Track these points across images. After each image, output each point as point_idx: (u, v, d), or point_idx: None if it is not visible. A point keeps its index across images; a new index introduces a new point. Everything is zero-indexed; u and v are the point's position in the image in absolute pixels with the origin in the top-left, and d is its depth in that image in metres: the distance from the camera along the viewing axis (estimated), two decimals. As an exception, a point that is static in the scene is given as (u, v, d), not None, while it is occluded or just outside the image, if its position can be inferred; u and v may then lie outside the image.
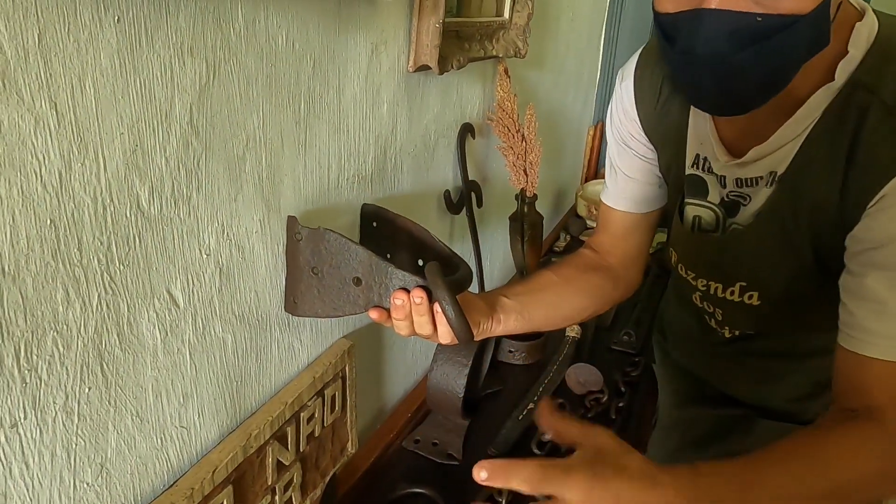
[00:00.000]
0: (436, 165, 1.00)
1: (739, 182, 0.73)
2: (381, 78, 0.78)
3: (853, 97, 0.60)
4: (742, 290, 0.77)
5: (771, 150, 0.68)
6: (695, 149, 0.77)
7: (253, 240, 0.64)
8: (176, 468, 0.61)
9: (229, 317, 0.63)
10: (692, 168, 0.79)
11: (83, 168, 0.44)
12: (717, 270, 0.80)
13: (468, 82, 1.05)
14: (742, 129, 0.71)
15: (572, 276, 0.86)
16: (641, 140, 0.84)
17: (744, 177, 0.72)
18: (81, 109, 0.43)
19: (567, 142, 1.81)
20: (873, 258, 0.59)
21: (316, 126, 0.69)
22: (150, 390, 0.55)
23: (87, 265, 0.47)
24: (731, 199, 0.75)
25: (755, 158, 0.69)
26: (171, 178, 0.52)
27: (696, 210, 0.80)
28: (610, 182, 0.91)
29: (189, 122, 0.52)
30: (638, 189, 0.87)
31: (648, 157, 0.85)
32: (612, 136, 0.88)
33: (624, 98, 0.83)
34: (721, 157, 0.73)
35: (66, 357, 0.47)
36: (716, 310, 0.85)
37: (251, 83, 0.58)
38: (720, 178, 0.75)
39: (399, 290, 0.61)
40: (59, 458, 0.48)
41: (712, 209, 0.78)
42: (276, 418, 0.70)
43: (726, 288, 0.79)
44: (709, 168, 0.76)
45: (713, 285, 0.81)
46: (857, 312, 0.61)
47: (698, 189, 0.79)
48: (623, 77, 0.84)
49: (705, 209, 0.79)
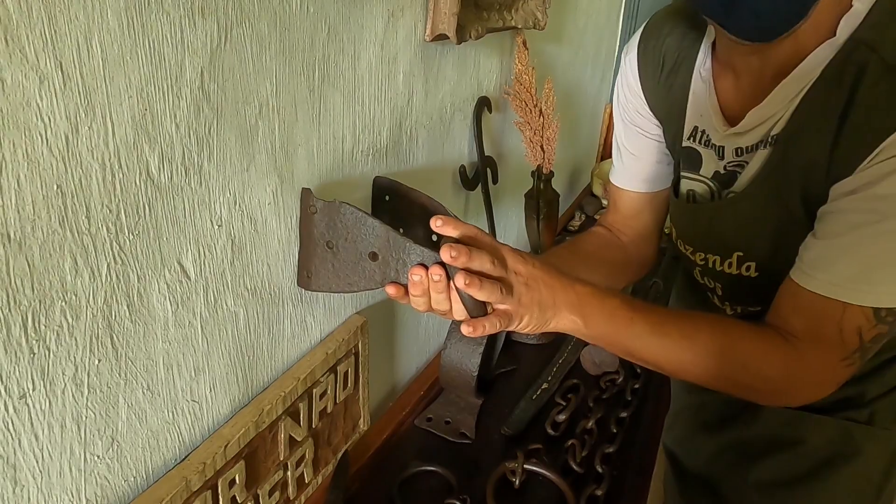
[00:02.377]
0: (451, 140, 0.98)
1: (739, 151, 0.71)
2: (397, 46, 0.76)
3: (854, 54, 0.58)
4: (739, 260, 0.75)
5: (769, 112, 0.66)
6: (693, 121, 0.76)
7: (266, 211, 0.62)
8: (188, 442, 0.60)
9: (241, 290, 0.62)
10: (688, 141, 0.77)
11: (90, 132, 0.43)
12: (714, 241, 0.78)
13: (485, 54, 1.02)
14: (743, 94, 0.69)
15: (587, 253, 0.86)
16: (646, 116, 0.82)
17: (743, 145, 0.70)
18: (88, 70, 0.41)
19: (583, 119, 1.78)
20: (840, 204, 0.59)
21: (330, 95, 0.67)
22: (161, 363, 0.54)
23: (95, 234, 0.45)
24: (728, 171, 0.73)
25: (753, 124, 0.67)
26: (181, 145, 0.50)
27: (690, 184, 0.79)
28: (617, 161, 0.90)
29: (200, 87, 0.51)
30: (645, 168, 0.86)
31: (654, 133, 0.83)
32: (618, 114, 0.87)
33: (628, 72, 0.82)
34: (720, 127, 0.72)
35: (74, 328, 0.46)
36: (716, 285, 0.82)
37: (264, 48, 0.56)
38: (719, 149, 0.73)
39: (417, 265, 0.59)
40: (69, 431, 0.47)
41: (705, 182, 0.77)
42: (288, 394, 0.69)
43: (724, 260, 0.77)
44: (706, 141, 0.74)
45: (711, 258, 0.79)
46: (810, 247, 0.62)
47: (692, 162, 0.78)
48: (627, 51, 0.83)
49: (698, 182, 0.78)
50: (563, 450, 0.89)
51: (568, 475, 0.84)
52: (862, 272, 0.58)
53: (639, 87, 0.81)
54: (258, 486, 0.68)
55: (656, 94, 0.80)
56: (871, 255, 0.57)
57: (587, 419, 0.93)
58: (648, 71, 0.80)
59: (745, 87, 0.69)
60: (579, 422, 0.93)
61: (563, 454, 0.88)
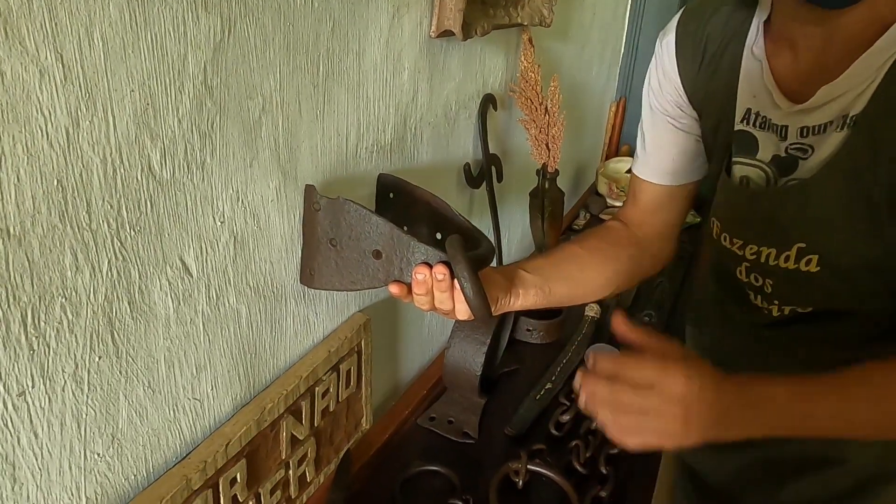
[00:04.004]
0: (456, 137, 0.97)
1: (804, 131, 0.65)
2: (402, 43, 0.75)
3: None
4: (800, 253, 0.68)
5: (844, 88, 0.60)
6: (746, 103, 0.71)
7: (269, 208, 0.61)
8: (189, 440, 0.59)
9: (243, 287, 0.61)
10: (741, 124, 0.72)
11: (91, 126, 0.42)
12: (771, 232, 0.72)
13: (491, 51, 1.01)
14: (806, 69, 0.64)
15: (597, 248, 0.82)
16: (680, 104, 0.79)
17: (810, 124, 0.64)
18: (89, 63, 0.41)
19: (588, 117, 1.77)
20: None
21: (335, 91, 0.66)
22: (163, 361, 0.54)
23: (96, 229, 0.45)
24: (789, 154, 0.67)
25: (825, 100, 0.61)
26: (183, 140, 0.50)
27: (744, 169, 0.73)
28: (640, 152, 0.85)
29: (203, 82, 0.50)
30: (671, 159, 0.82)
31: (685, 124, 0.80)
32: (647, 102, 0.83)
33: (664, 58, 0.78)
34: (782, 105, 0.66)
35: (75, 324, 0.45)
36: (765, 281, 0.76)
37: (268, 43, 0.55)
38: (780, 128, 0.67)
39: (421, 264, 0.58)
40: (69, 428, 0.47)
41: (761, 167, 0.71)
42: (290, 392, 0.68)
43: (780, 253, 0.70)
44: (762, 123, 0.69)
45: (765, 251, 0.73)
46: None
47: (747, 146, 0.72)
48: (663, 36, 0.79)
49: (753, 168, 0.72)
50: (567, 450, 0.88)
51: (572, 476, 0.84)
52: None
53: (676, 73, 0.77)
54: (259, 484, 0.67)
55: (696, 80, 0.76)
56: None
57: (591, 420, 0.92)
58: (688, 56, 0.75)
59: (807, 63, 0.64)
60: (583, 422, 0.92)
61: (566, 455, 0.88)
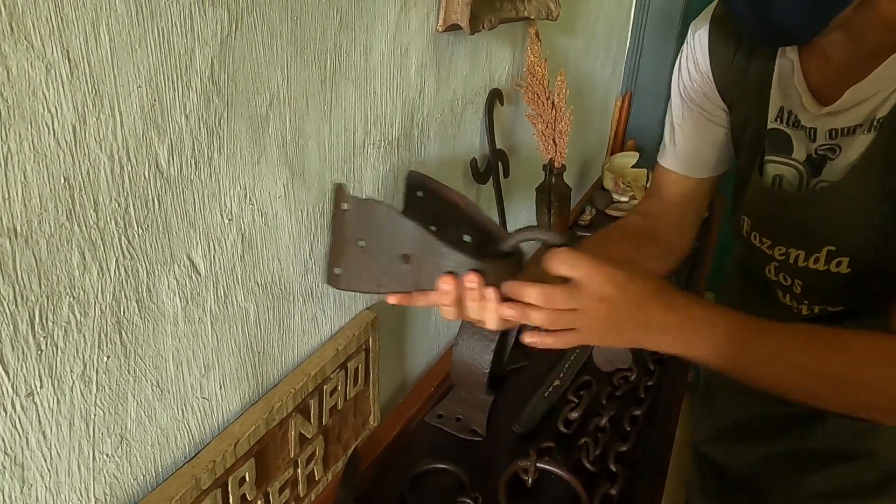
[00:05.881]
0: (463, 132, 0.96)
1: (833, 133, 0.65)
2: (409, 37, 0.74)
3: None
4: (829, 255, 0.68)
5: (872, 91, 0.60)
6: (779, 101, 0.70)
7: (276, 205, 0.61)
8: (198, 440, 0.59)
9: (251, 285, 0.60)
10: (775, 122, 0.71)
11: (98, 123, 0.42)
12: (801, 234, 0.71)
13: (498, 45, 1.00)
14: (835, 71, 0.64)
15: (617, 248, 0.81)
16: (711, 97, 0.77)
17: (838, 126, 0.64)
18: (96, 59, 0.40)
19: (594, 112, 1.76)
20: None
21: (342, 86, 0.65)
22: (171, 360, 0.53)
23: (103, 228, 0.44)
24: (819, 155, 0.67)
25: (852, 103, 0.62)
26: (191, 136, 0.49)
27: (778, 168, 0.72)
28: (668, 143, 0.84)
29: (210, 78, 0.49)
30: (699, 152, 0.80)
31: (716, 116, 0.78)
32: (677, 91, 0.82)
33: (696, 48, 0.77)
34: (811, 107, 0.66)
35: (83, 324, 0.44)
36: (794, 281, 0.75)
37: (275, 37, 0.55)
38: (809, 130, 0.67)
39: (446, 274, 0.56)
40: (78, 429, 0.46)
41: (796, 167, 0.70)
42: (298, 391, 0.68)
43: (810, 254, 0.70)
44: (795, 122, 0.69)
45: (794, 252, 0.72)
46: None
47: (782, 145, 0.71)
48: (697, 27, 0.77)
49: (788, 167, 0.71)
50: (576, 448, 0.87)
51: (581, 474, 0.83)
52: None
53: (707, 64, 0.76)
54: (268, 483, 0.67)
55: (728, 73, 0.75)
56: None
57: (600, 417, 0.91)
58: (720, 48, 0.74)
59: (837, 66, 0.64)
60: (592, 419, 0.92)
61: (575, 452, 0.87)
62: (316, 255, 0.69)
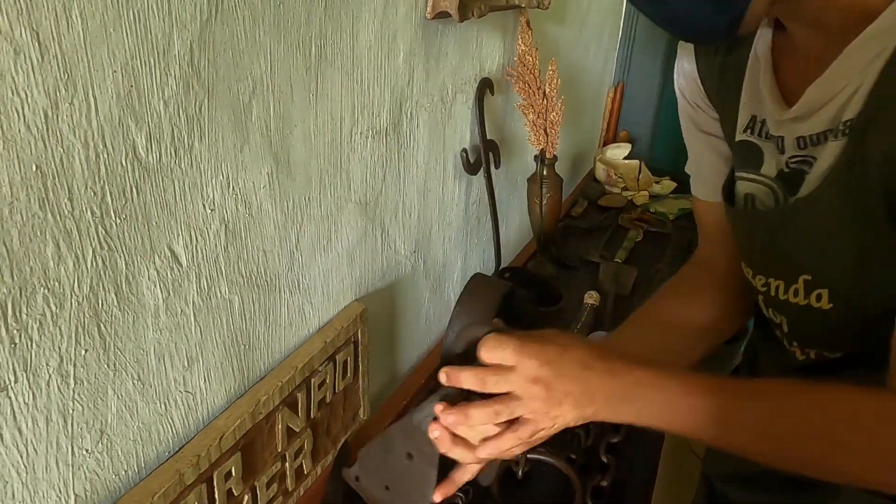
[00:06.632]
0: (453, 122, 0.95)
1: (801, 142, 0.55)
2: (397, 24, 0.73)
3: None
4: (807, 286, 0.58)
5: (836, 87, 0.50)
6: (750, 108, 0.62)
7: (261, 195, 0.59)
8: (181, 434, 0.58)
9: (236, 277, 0.59)
10: (744, 133, 0.63)
11: (72, 108, 0.40)
12: (774, 262, 0.62)
13: (488, 34, 0.99)
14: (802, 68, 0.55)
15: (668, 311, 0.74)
16: (703, 105, 0.70)
17: (805, 133, 0.54)
18: (68, 42, 0.39)
19: (586, 102, 1.75)
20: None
21: (328, 74, 0.64)
22: (153, 353, 0.52)
23: (79, 217, 0.43)
24: (791, 169, 0.57)
25: (818, 103, 0.52)
26: (170, 123, 0.48)
27: (748, 186, 0.63)
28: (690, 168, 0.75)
29: (190, 63, 0.48)
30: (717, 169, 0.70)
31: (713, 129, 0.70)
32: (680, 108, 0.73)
33: (683, 56, 0.69)
34: (775, 111, 0.57)
35: (59, 316, 0.43)
36: (781, 319, 0.65)
37: (257, 22, 0.53)
38: (778, 140, 0.58)
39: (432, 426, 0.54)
40: (55, 424, 0.45)
41: (767, 184, 0.60)
42: (285, 384, 0.67)
43: (789, 285, 0.60)
44: (766, 132, 0.60)
45: (773, 283, 0.63)
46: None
47: (750, 159, 0.62)
48: None
49: (758, 185, 0.61)
50: (568, 439, 0.87)
51: (572, 465, 0.83)
52: None
53: (694, 68, 0.68)
54: (255, 478, 0.66)
55: (711, 74, 0.66)
56: None
57: (591, 408, 0.91)
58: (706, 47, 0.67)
59: (804, 62, 0.54)
60: (583, 411, 0.91)
61: (567, 444, 0.86)
62: (302, 246, 0.67)
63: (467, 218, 1.10)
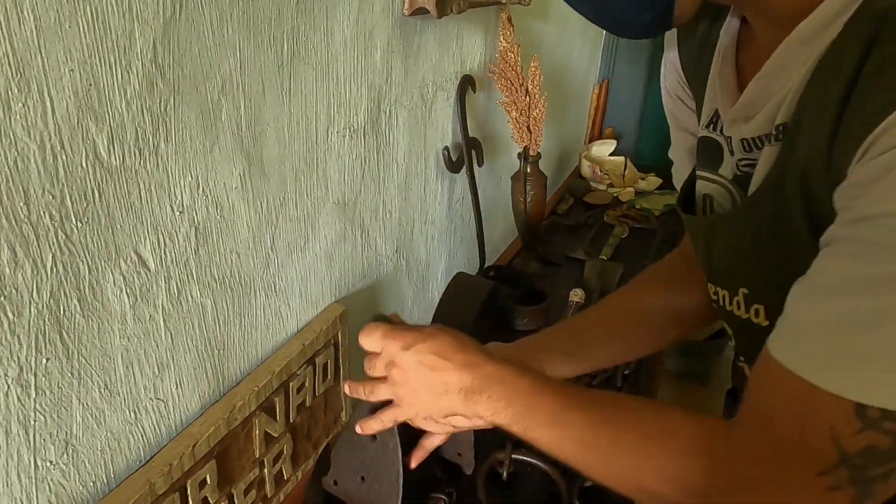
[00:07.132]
0: (434, 120, 0.94)
1: (746, 145, 0.51)
2: (373, 20, 0.72)
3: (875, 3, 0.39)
4: (747, 300, 0.54)
5: (774, 86, 0.46)
6: (712, 101, 0.57)
7: (233, 196, 0.58)
8: (153, 443, 0.56)
9: (208, 280, 0.58)
10: (706, 129, 0.58)
11: (25, 109, 0.39)
12: (717, 270, 0.59)
13: (469, 30, 0.98)
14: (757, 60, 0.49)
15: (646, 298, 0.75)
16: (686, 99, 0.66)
17: (748, 136, 0.50)
18: (19, 39, 0.37)
19: (571, 99, 1.74)
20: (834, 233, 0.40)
21: (302, 71, 0.62)
22: (120, 360, 0.51)
23: (36, 221, 0.41)
24: (742, 172, 0.53)
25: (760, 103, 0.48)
26: (133, 124, 0.46)
27: (707, 186, 0.58)
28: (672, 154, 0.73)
29: (153, 61, 0.46)
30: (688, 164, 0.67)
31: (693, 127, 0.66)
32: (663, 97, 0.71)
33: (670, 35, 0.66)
34: (725, 108, 0.53)
35: (16, 325, 0.42)
36: (731, 332, 0.62)
37: (225, 19, 0.52)
38: (728, 140, 0.54)
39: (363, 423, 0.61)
40: (16, 436, 0.44)
41: (724, 185, 0.56)
42: (262, 388, 0.65)
43: (732, 297, 0.57)
44: (722, 128, 0.55)
45: (721, 293, 0.59)
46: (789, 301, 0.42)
47: (711, 157, 0.57)
48: None
49: (716, 185, 0.57)
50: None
51: (556, 467, 0.82)
52: (840, 344, 0.38)
53: (676, 55, 0.64)
54: (232, 485, 0.64)
55: (691, 61, 0.62)
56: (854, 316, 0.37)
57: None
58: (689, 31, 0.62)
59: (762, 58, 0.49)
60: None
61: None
62: (278, 248, 0.66)
63: (451, 216, 1.09)
